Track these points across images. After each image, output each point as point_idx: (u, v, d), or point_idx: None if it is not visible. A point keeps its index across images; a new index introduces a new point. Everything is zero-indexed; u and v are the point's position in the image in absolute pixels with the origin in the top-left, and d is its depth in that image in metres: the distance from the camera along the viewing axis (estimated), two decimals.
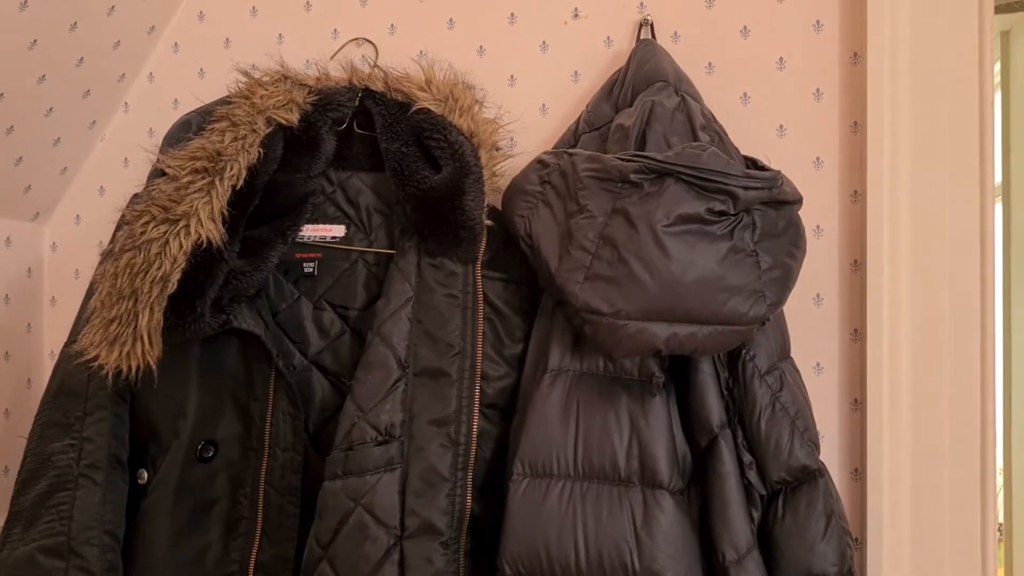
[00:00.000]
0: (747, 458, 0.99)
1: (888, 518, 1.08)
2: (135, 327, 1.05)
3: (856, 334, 1.13)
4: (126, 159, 1.39)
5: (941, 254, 1.09)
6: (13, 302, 1.35)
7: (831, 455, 1.10)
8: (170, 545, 1.14)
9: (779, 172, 0.96)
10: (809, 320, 1.14)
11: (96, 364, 1.07)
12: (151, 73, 1.39)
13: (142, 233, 1.04)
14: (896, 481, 1.08)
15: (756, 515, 0.99)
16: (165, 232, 1.05)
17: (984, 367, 1.09)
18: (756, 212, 0.95)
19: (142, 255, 1.04)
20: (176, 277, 1.05)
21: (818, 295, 1.15)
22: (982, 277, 1.08)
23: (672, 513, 0.97)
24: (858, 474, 1.11)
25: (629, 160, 0.95)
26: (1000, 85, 2.04)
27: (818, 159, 1.17)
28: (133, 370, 1.07)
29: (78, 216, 1.41)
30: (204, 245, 1.06)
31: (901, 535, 1.08)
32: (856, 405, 1.12)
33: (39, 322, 1.40)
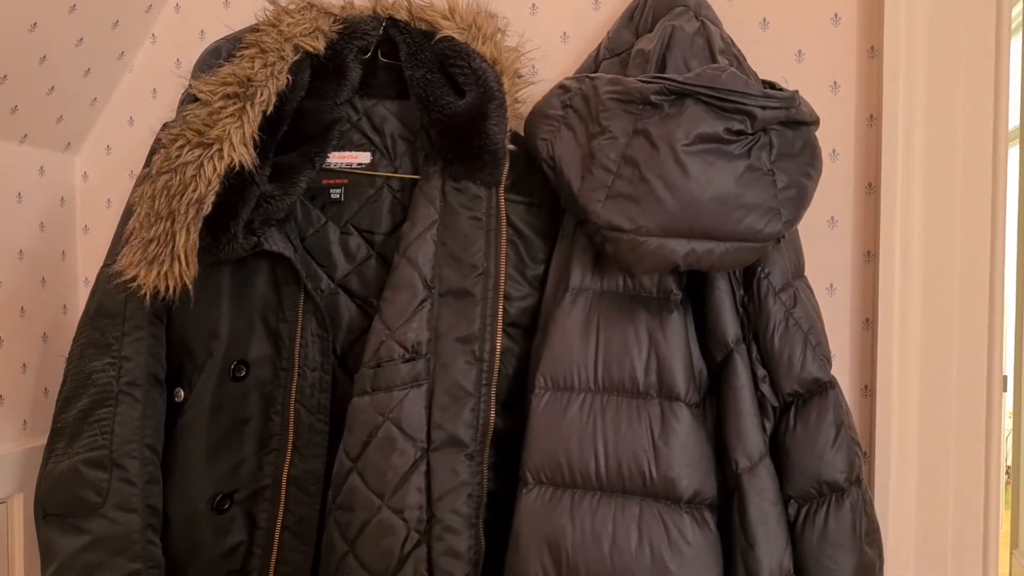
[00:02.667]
0: (761, 372, 1.03)
1: (896, 433, 1.12)
2: (172, 247, 1.09)
3: (869, 256, 1.16)
4: (154, 90, 1.42)
5: (954, 179, 1.12)
6: (48, 230, 1.39)
7: (842, 373, 1.14)
8: (206, 460, 1.20)
9: (796, 92, 0.98)
10: (823, 242, 1.17)
11: (135, 284, 1.11)
12: (177, 4, 1.41)
13: (177, 156, 1.08)
14: (904, 397, 1.12)
15: (768, 426, 1.03)
16: (199, 156, 1.08)
17: (993, 289, 1.12)
18: (773, 132, 0.97)
19: (178, 177, 1.08)
20: (211, 199, 1.08)
21: (832, 218, 1.18)
22: (993, 198, 1.10)
23: (688, 424, 1.01)
24: (868, 391, 1.14)
25: (650, 82, 0.97)
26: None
27: (835, 83, 1.19)
28: (170, 290, 1.11)
29: (108, 146, 1.45)
30: (236, 169, 1.09)
31: (908, 449, 1.12)
32: (867, 324, 1.16)
33: (73, 250, 1.44)
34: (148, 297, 1.13)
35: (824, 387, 1.01)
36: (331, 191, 1.23)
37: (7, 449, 1.32)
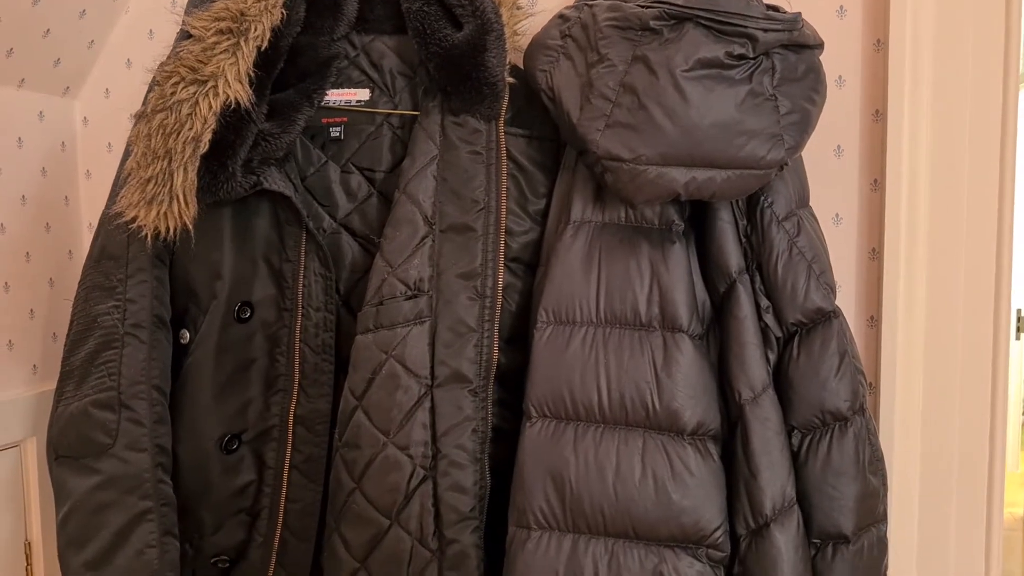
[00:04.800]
0: (764, 302, 1.02)
1: (902, 363, 1.11)
2: (171, 187, 1.08)
3: (875, 185, 1.14)
4: (151, 31, 1.40)
5: (962, 102, 1.09)
6: (50, 175, 1.39)
7: (848, 303, 1.13)
8: (213, 401, 1.20)
9: (799, 15, 0.96)
10: (829, 171, 1.15)
11: (135, 225, 1.11)
12: None
13: (172, 94, 1.07)
14: (910, 328, 1.11)
15: (772, 357, 1.03)
16: (194, 93, 1.07)
17: (1002, 218, 1.10)
18: (776, 56, 0.95)
19: (174, 115, 1.07)
20: (207, 137, 1.07)
21: (839, 146, 1.16)
22: (1003, 122, 1.08)
23: (691, 355, 1.01)
24: (873, 321, 1.14)
25: (648, 7, 0.95)
26: None
27: (841, 8, 1.16)
28: (170, 230, 1.11)
29: (107, 90, 1.43)
30: (233, 106, 1.08)
31: (914, 380, 1.11)
32: (873, 255, 1.14)
33: (76, 195, 1.44)
34: (149, 238, 1.13)
35: (828, 316, 1.00)
36: (331, 129, 1.22)
37: (18, 394, 1.33)
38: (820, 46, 0.99)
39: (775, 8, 0.99)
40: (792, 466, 1.01)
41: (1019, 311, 3.78)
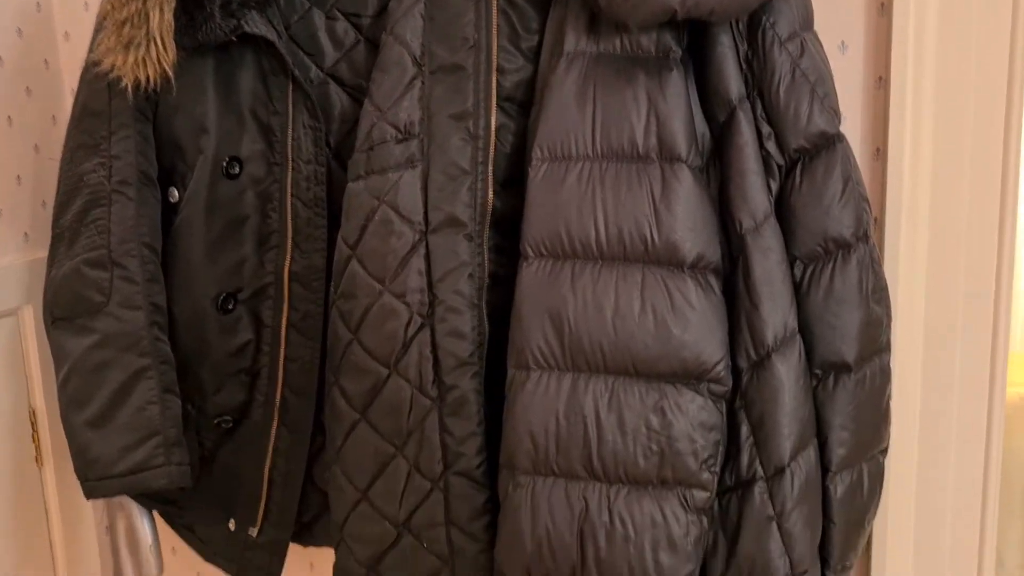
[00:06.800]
0: (766, 129, 0.99)
1: (907, 196, 1.08)
2: (147, 29, 1.05)
3: (883, 9, 1.09)
4: None
5: None
6: (27, 37, 1.34)
7: (853, 134, 1.09)
8: (206, 259, 1.19)
9: None
10: None
11: (114, 74, 1.08)
12: None
13: None
14: (917, 159, 1.07)
15: (774, 186, 1.00)
16: None
17: (1014, 41, 1.06)
18: None
19: None
20: None
21: None
22: None
23: (690, 186, 0.98)
24: (880, 153, 1.10)
25: None
26: None
27: None
28: (151, 80, 1.08)
29: None
30: None
31: (919, 212, 1.08)
32: (880, 83, 1.10)
33: (55, 58, 1.40)
34: (130, 89, 1.11)
35: (831, 140, 0.97)
36: None
37: (10, 260, 1.32)
38: None
39: None
40: (794, 297, 0.99)
41: None
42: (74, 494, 1.31)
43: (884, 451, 1.05)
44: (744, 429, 1.00)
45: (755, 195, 0.97)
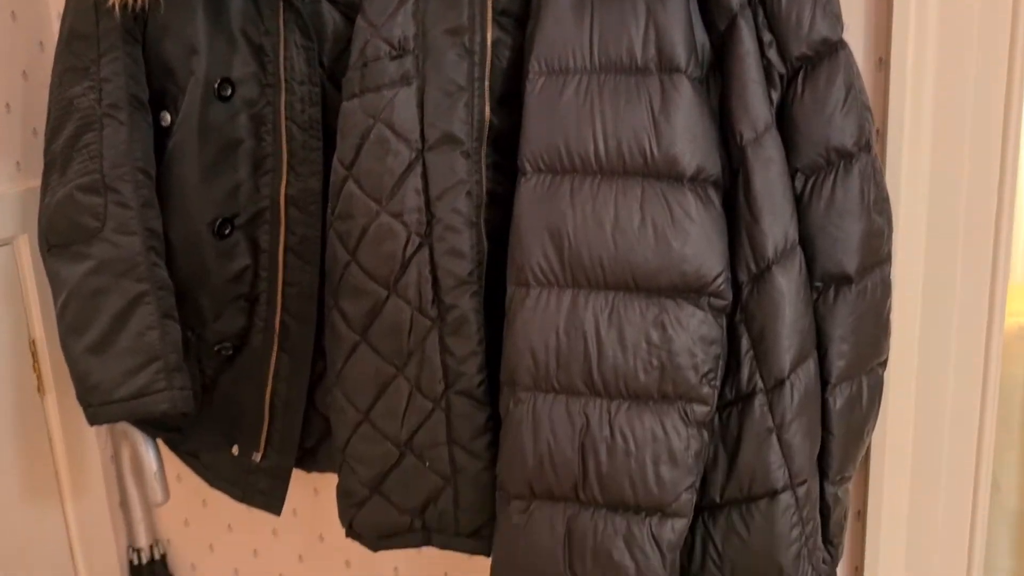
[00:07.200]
0: (767, 37, 0.97)
1: (910, 107, 1.06)
2: None
3: None
4: None
5: None
6: None
7: (856, 45, 1.06)
8: (201, 183, 1.18)
9: None
10: None
11: None
12: None
13: None
14: (920, 69, 1.06)
15: (775, 96, 0.98)
16: None
17: None
18: None
19: None
20: None
21: None
22: None
23: (690, 98, 0.96)
24: (882, 63, 1.08)
25: None
26: None
27: None
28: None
29: None
30: None
31: (922, 124, 1.07)
32: None
33: None
34: (117, 8, 1.08)
35: (834, 47, 0.95)
36: None
37: (3, 190, 1.30)
38: None
39: None
40: (795, 209, 0.98)
41: None
42: (78, 423, 1.32)
43: (883, 363, 1.05)
44: (744, 342, 1.00)
45: (756, 105, 0.96)
